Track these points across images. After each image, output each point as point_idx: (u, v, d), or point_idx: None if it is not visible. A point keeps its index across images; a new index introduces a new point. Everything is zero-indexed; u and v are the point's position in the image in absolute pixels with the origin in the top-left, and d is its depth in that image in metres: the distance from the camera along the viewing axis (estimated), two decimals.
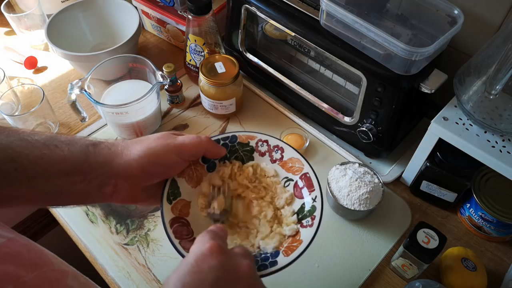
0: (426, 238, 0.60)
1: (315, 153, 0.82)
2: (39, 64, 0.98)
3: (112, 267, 0.67)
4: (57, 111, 0.88)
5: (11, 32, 1.04)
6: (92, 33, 0.98)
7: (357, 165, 0.73)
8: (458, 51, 0.74)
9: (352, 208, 0.68)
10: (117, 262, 0.68)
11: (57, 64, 0.98)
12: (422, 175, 0.72)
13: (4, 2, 0.94)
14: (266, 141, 0.55)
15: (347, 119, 0.77)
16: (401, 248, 0.63)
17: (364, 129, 0.74)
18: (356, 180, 0.69)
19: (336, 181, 0.71)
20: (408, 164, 0.74)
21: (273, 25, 0.78)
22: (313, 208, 0.50)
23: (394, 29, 0.70)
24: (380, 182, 0.71)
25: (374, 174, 0.72)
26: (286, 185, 0.55)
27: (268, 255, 0.49)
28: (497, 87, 0.60)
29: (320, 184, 0.52)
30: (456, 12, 0.64)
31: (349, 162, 0.74)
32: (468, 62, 0.65)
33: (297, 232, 0.50)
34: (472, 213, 0.70)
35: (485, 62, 0.62)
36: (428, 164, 0.70)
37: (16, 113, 0.82)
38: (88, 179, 0.45)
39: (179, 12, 0.94)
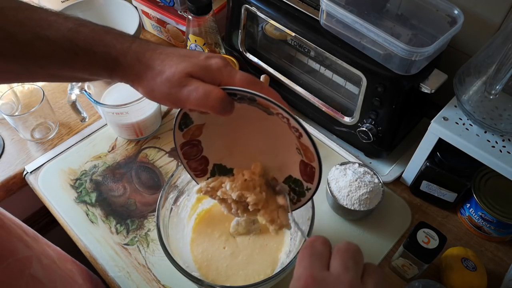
0: (426, 238, 0.60)
1: None
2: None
3: (112, 267, 0.67)
4: (57, 111, 0.88)
5: None
6: None
7: (357, 165, 0.73)
8: (458, 51, 0.74)
9: (352, 208, 0.68)
10: (117, 262, 0.68)
11: None
12: (422, 175, 0.72)
13: None
14: (287, 119, 0.46)
15: (347, 119, 0.77)
16: (401, 248, 0.63)
17: (364, 129, 0.74)
18: (356, 180, 0.69)
19: (336, 181, 0.71)
20: (408, 164, 0.75)
21: (273, 25, 0.78)
22: (302, 195, 0.53)
23: (394, 29, 0.70)
24: (380, 182, 0.71)
25: (374, 174, 0.72)
26: (298, 152, 0.52)
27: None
28: (497, 87, 0.60)
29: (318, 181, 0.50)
30: (456, 12, 0.64)
31: (349, 162, 0.74)
32: (468, 62, 0.65)
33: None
34: (472, 213, 0.70)
35: (485, 62, 0.62)
36: (428, 164, 0.70)
37: (16, 113, 0.82)
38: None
39: (179, 12, 0.94)
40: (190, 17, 0.81)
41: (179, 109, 0.48)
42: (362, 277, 0.37)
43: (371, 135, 0.73)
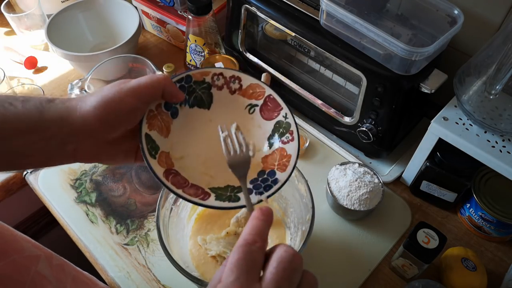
0: (426, 238, 0.60)
1: (315, 153, 0.82)
2: (39, 64, 0.98)
3: (112, 267, 0.68)
4: None
5: (11, 32, 1.04)
6: (92, 33, 0.98)
7: (357, 165, 0.73)
8: (458, 51, 0.74)
9: (352, 208, 0.68)
10: (117, 262, 0.68)
11: (57, 64, 0.98)
12: (422, 175, 0.72)
13: (4, 2, 0.94)
14: (221, 74, 0.52)
15: (347, 119, 0.77)
16: (401, 248, 0.63)
17: (364, 129, 0.74)
18: (356, 180, 0.69)
19: (336, 181, 0.71)
20: (408, 164, 0.75)
21: (273, 25, 0.78)
22: (288, 125, 0.52)
23: (394, 29, 0.70)
24: (380, 182, 0.71)
25: (374, 174, 0.72)
26: (251, 111, 0.54)
27: (266, 176, 0.50)
28: (497, 87, 0.60)
29: (286, 103, 0.52)
30: (456, 12, 0.64)
31: (349, 162, 0.74)
32: (468, 62, 0.65)
33: (283, 149, 0.51)
34: (472, 213, 0.70)
35: (485, 62, 0.62)
36: (428, 164, 0.70)
37: None
38: (46, 137, 0.42)
39: (179, 12, 0.94)
40: (190, 17, 0.81)
41: (139, 133, 0.47)
42: None
43: (371, 135, 0.73)
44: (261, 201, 0.47)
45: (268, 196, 0.47)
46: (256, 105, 0.53)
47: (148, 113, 0.47)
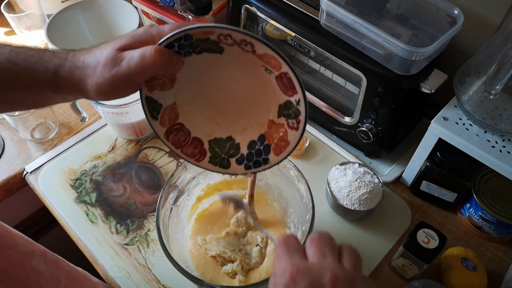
0: (426, 238, 0.60)
1: (315, 153, 0.82)
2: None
3: (112, 267, 0.67)
4: (57, 111, 0.88)
5: (11, 32, 1.04)
6: (92, 33, 0.97)
7: (357, 165, 0.73)
8: (458, 51, 0.74)
9: (352, 208, 0.68)
10: (117, 262, 0.68)
11: None
12: (422, 175, 0.72)
13: (4, 2, 0.94)
14: (229, 35, 0.44)
15: (347, 119, 0.77)
16: (401, 248, 0.63)
17: (364, 129, 0.74)
18: (356, 180, 0.69)
19: (336, 181, 0.71)
20: (408, 164, 0.75)
21: (273, 25, 0.78)
22: (297, 112, 0.49)
23: (394, 29, 0.70)
24: (380, 182, 0.71)
25: (374, 174, 0.72)
26: (267, 72, 0.48)
27: (261, 148, 0.51)
28: (497, 87, 0.60)
29: (303, 88, 0.47)
30: (456, 12, 0.64)
31: (349, 162, 0.74)
32: (468, 62, 0.65)
33: (286, 132, 0.51)
34: (472, 213, 0.70)
35: (485, 62, 0.62)
36: (428, 164, 0.70)
37: (16, 113, 0.82)
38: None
39: (179, 12, 0.94)
40: (190, 17, 0.81)
41: (139, 97, 0.47)
42: (340, 260, 0.39)
43: (371, 135, 0.73)
44: (245, 174, 0.51)
45: (253, 173, 0.50)
46: (271, 72, 0.48)
47: None
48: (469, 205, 0.71)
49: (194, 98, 0.51)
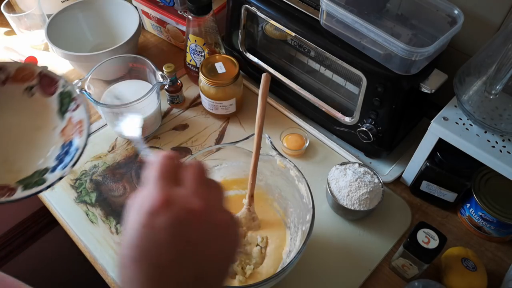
0: (426, 238, 0.60)
1: (315, 153, 0.82)
2: (39, 64, 0.98)
3: (112, 267, 0.67)
4: None
5: (11, 32, 1.04)
6: (92, 33, 0.98)
7: (357, 165, 0.73)
8: (458, 51, 0.74)
9: (352, 208, 0.68)
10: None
11: (57, 64, 0.98)
12: (422, 175, 0.72)
13: (4, 2, 0.94)
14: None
15: (347, 119, 0.77)
16: (401, 248, 0.63)
17: (364, 129, 0.74)
18: (356, 180, 0.69)
19: (336, 181, 0.71)
20: (408, 164, 0.75)
21: (273, 25, 0.78)
22: (69, 93, 0.53)
23: (394, 29, 0.70)
24: (380, 182, 0.71)
25: (374, 174, 0.72)
26: (31, 94, 0.53)
27: (67, 148, 0.52)
28: (497, 87, 0.60)
29: (60, 75, 0.52)
30: (456, 12, 0.64)
31: (349, 162, 0.74)
32: (468, 62, 0.65)
33: (72, 117, 0.53)
34: (472, 213, 0.70)
35: (485, 62, 0.62)
36: (428, 164, 0.70)
37: None
38: None
39: (179, 12, 0.94)
40: (190, 17, 0.81)
41: None
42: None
43: (371, 135, 0.73)
44: (62, 177, 0.49)
45: (72, 166, 0.48)
46: (33, 86, 0.53)
47: None
48: (469, 205, 0.71)
49: None
